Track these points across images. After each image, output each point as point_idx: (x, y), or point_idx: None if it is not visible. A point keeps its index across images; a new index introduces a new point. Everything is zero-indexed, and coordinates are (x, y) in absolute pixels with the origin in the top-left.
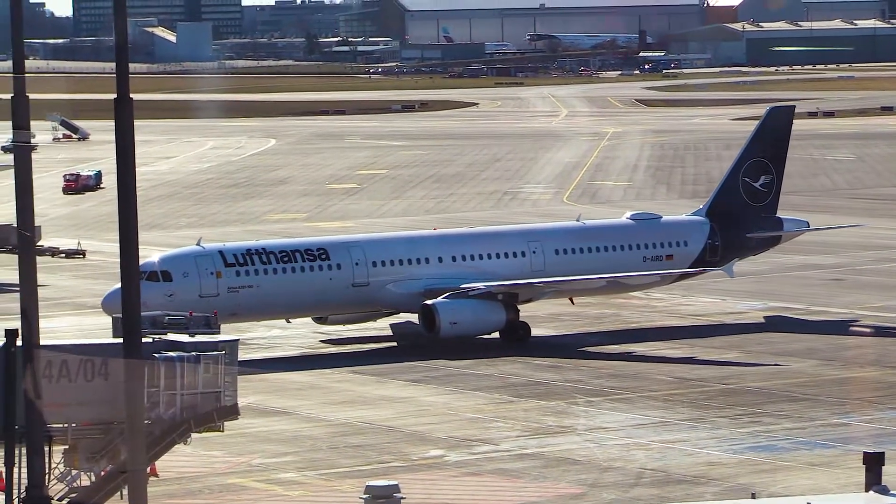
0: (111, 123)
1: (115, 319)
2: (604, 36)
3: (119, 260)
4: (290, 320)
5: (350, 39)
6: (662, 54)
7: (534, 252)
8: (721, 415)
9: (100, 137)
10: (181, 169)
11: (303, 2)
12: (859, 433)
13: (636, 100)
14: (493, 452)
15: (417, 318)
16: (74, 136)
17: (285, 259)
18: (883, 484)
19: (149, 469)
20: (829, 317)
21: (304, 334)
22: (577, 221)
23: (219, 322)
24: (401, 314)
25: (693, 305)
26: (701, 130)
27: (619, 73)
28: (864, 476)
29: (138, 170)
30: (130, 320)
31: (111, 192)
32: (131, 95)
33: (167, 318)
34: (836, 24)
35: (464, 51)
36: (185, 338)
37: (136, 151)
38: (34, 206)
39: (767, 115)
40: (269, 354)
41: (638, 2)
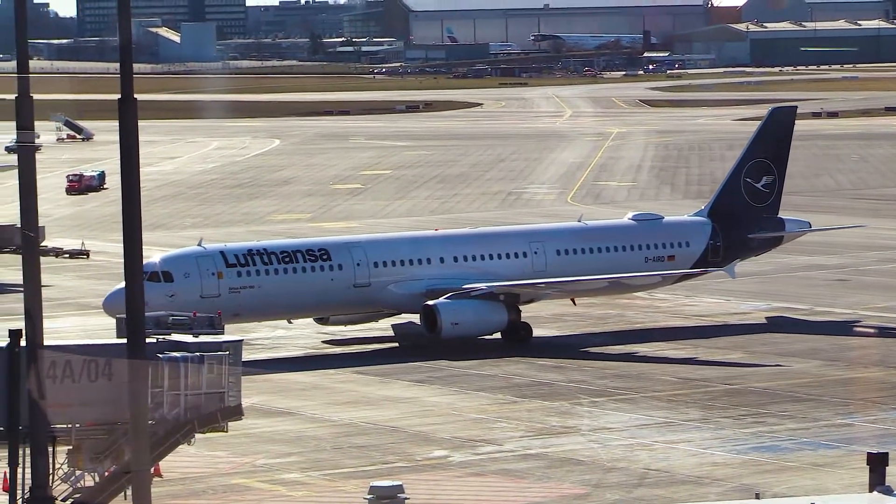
0: (115, 124)
1: (118, 320)
2: (608, 36)
3: (123, 260)
4: (292, 321)
5: (354, 40)
6: (666, 55)
7: (535, 253)
8: (725, 415)
9: (104, 138)
10: (185, 169)
11: (307, 2)
12: (863, 434)
13: (640, 100)
14: (496, 453)
15: (419, 318)
16: (78, 137)
17: (286, 259)
18: (887, 484)
19: (152, 469)
20: (832, 317)
21: (307, 335)
22: (578, 222)
23: (223, 322)
24: (402, 314)
25: (697, 306)
26: (705, 131)
27: (624, 73)
28: (868, 476)
29: (142, 170)
30: (134, 321)
31: (115, 192)
32: (135, 96)
33: (171, 318)
34: (840, 24)
35: (468, 51)
36: (188, 338)
37: (139, 152)
38: (38, 206)
39: (769, 115)
40: (273, 355)
41: (642, 2)
